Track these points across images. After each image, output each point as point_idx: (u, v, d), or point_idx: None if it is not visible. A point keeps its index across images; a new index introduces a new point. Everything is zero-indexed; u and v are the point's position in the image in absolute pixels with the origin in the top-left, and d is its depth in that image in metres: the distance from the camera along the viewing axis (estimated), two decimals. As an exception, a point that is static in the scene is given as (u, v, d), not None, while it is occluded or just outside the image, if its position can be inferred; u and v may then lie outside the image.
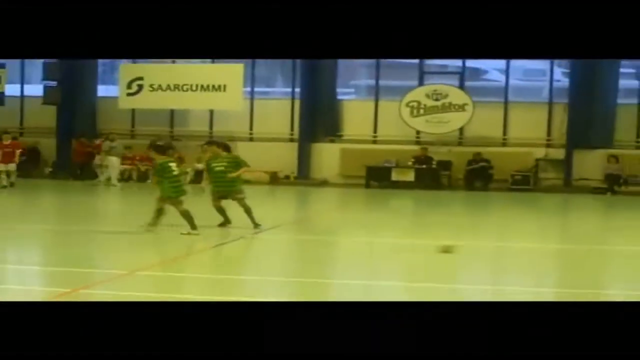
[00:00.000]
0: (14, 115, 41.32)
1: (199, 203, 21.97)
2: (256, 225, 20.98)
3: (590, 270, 17.56)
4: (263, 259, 18.14)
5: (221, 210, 21.31)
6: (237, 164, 21.82)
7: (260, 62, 41.07)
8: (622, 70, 37.64)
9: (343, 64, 40.25)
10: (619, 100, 37.19)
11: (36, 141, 40.19)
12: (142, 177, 37.63)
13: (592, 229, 26.23)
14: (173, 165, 20.51)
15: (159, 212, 20.30)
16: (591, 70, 36.21)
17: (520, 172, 36.56)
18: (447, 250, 15.65)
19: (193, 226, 19.82)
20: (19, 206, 29.17)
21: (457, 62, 39.05)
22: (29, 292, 13.94)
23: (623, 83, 37.74)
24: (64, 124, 39.69)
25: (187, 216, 19.87)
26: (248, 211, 21.22)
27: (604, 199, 34.21)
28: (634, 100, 37.23)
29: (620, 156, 36.19)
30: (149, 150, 22.39)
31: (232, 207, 21.72)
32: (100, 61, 41.84)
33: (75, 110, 39.86)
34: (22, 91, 42.06)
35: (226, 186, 21.39)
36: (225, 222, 21.40)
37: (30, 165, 38.74)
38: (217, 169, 21.61)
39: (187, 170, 31.80)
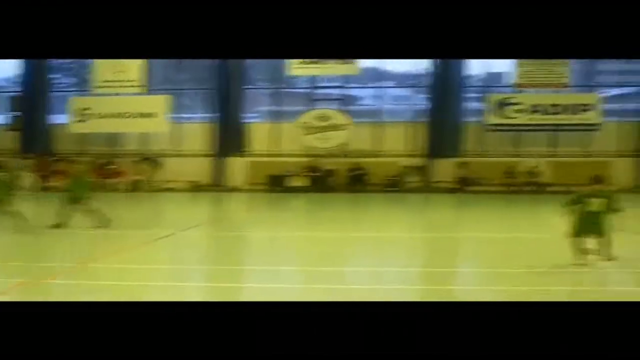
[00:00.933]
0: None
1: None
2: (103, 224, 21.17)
3: (449, 252, 18.01)
4: (190, 251, 18.20)
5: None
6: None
7: (183, 93, 41.09)
8: (467, 95, 38.27)
9: (249, 93, 40.32)
10: (466, 119, 37.78)
11: (4, 161, 39.57)
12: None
13: (449, 220, 26.74)
14: None
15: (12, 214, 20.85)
16: (443, 95, 36.87)
17: (391, 177, 36.95)
18: None
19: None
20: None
21: (339, 91, 39.38)
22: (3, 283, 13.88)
23: (469, 105, 38.35)
24: (27, 146, 39.23)
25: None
26: (92, 213, 21.42)
27: (457, 197, 34.74)
28: (478, 119, 37.83)
29: (468, 163, 36.84)
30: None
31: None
32: (53, 94, 41.43)
33: (35, 135, 39.38)
34: (-10, 121, 41.60)
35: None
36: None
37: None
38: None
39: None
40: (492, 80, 40.55)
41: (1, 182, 21.41)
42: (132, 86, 39.08)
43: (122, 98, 39.78)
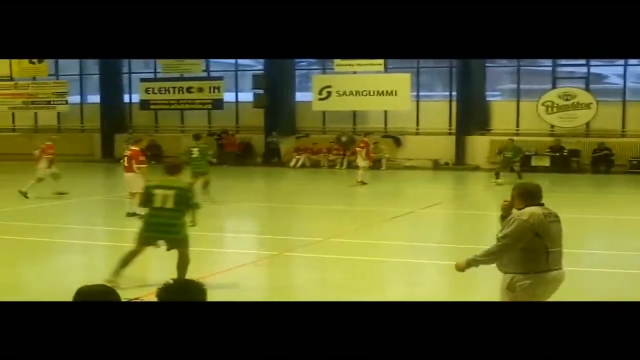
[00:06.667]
0: (231, 117, 42.56)
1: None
2: None
3: None
4: (424, 230, 18.53)
5: None
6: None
7: (423, 71, 41.33)
8: None
9: (490, 71, 40.22)
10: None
11: (249, 137, 41.26)
12: (315, 165, 38.65)
13: None
14: None
15: None
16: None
17: (636, 158, 35.94)
18: None
19: None
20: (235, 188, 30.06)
21: (583, 69, 38.57)
22: (246, 255, 14.75)
23: None
24: (270, 123, 40.64)
25: None
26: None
27: None
28: None
29: None
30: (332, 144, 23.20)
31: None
32: (297, 72, 42.68)
33: (278, 112, 40.75)
34: (236, 98, 43.13)
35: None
36: None
37: (245, 156, 40.15)
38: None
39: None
40: None
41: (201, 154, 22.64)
42: (372, 64, 39.66)
43: (365, 76, 40.50)
